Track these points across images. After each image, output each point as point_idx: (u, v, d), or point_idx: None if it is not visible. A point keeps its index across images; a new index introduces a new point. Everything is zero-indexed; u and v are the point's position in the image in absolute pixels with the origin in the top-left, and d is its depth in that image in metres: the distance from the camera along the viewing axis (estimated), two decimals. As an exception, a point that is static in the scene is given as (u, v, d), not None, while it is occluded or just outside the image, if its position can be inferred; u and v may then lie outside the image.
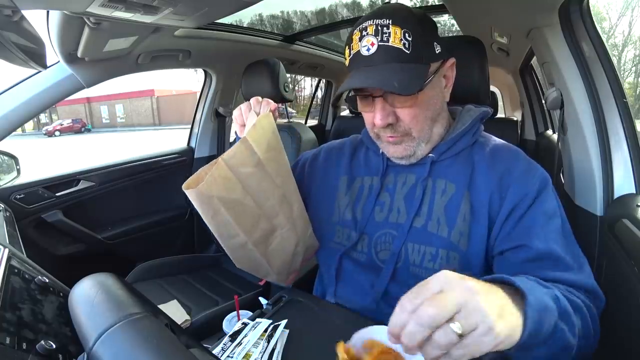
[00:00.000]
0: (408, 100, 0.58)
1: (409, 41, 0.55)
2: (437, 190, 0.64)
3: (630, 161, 0.82)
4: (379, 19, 0.56)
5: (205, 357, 0.40)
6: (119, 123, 25.75)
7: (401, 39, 0.55)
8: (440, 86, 0.62)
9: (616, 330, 0.73)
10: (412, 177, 0.66)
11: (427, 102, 0.60)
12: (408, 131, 0.62)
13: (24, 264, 0.59)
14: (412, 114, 0.60)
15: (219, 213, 0.57)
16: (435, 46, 0.59)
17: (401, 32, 0.55)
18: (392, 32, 0.55)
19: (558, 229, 0.57)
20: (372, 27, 0.56)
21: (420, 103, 0.59)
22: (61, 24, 0.90)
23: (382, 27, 0.56)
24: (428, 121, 0.62)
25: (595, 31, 0.85)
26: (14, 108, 1.16)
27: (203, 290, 1.33)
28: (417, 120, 0.61)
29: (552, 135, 1.85)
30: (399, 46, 0.55)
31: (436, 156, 0.65)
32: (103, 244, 1.51)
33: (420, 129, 0.62)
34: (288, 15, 2.21)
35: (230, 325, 0.92)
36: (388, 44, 0.55)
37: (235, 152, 0.57)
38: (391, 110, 0.60)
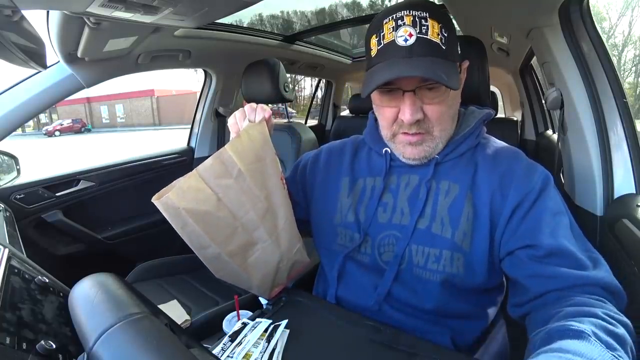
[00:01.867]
0: (437, 97, 0.57)
1: (445, 37, 0.54)
2: (440, 191, 0.63)
3: (630, 161, 0.82)
4: (416, 11, 0.54)
5: (205, 357, 0.40)
6: (119, 123, 25.75)
7: (439, 33, 0.54)
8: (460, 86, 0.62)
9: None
10: (416, 177, 0.65)
11: (452, 100, 0.60)
12: (431, 129, 0.60)
13: (24, 264, 0.59)
14: (440, 111, 0.58)
15: (187, 224, 0.57)
16: (458, 46, 0.60)
17: (439, 27, 0.54)
18: (430, 26, 0.53)
19: (566, 226, 0.56)
20: (409, 17, 0.54)
21: (447, 100, 0.58)
22: (61, 24, 0.90)
23: (420, 19, 0.53)
24: (450, 120, 0.62)
25: (595, 31, 0.85)
26: (14, 108, 1.15)
27: (203, 290, 1.33)
28: (442, 118, 0.60)
29: (552, 135, 1.85)
30: (437, 40, 0.54)
31: (440, 157, 0.64)
32: (103, 244, 1.51)
33: (443, 127, 0.61)
34: (288, 15, 2.21)
35: (230, 325, 0.92)
36: (427, 37, 0.53)
37: (212, 163, 0.56)
38: (420, 106, 0.58)
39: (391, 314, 0.66)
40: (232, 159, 0.58)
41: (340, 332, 0.63)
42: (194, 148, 1.90)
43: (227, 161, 0.58)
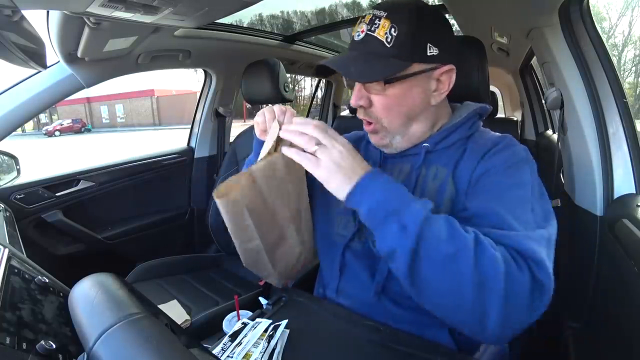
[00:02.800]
0: (379, 90, 0.61)
1: (392, 36, 0.58)
2: (429, 176, 0.65)
3: (630, 161, 0.82)
4: (377, 10, 0.59)
5: (205, 357, 0.40)
6: (119, 123, 25.74)
7: (386, 32, 0.58)
8: (425, 87, 0.63)
9: (616, 330, 0.73)
10: (408, 166, 0.68)
11: (401, 97, 0.62)
12: (379, 119, 0.64)
13: (24, 264, 0.59)
14: (384, 103, 0.62)
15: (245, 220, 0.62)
16: (428, 48, 0.59)
17: (389, 26, 0.58)
18: (381, 24, 0.58)
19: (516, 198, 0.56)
20: (369, 16, 0.60)
21: (392, 96, 0.61)
22: (61, 24, 0.90)
23: (375, 18, 0.59)
24: (402, 117, 0.64)
25: (595, 31, 0.86)
26: (14, 108, 1.16)
27: (203, 290, 1.33)
28: (389, 112, 0.63)
29: (552, 135, 1.86)
30: (381, 38, 0.58)
31: (431, 146, 0.66)
32: (103, 244, 1.51)
33: (390, 121, 0.64)
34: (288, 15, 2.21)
35: (230, 325, 0.92)
36: (373, 34, 0.59)
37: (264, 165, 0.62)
38: (366, 95, 0.63)
39: (390, 309, 0.66)
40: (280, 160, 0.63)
41: (340, 332, 0.63)
42: (194, 148, 1.90)
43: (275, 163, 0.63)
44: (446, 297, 0.49)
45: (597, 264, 0.84)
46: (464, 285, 0.47)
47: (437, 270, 0.49)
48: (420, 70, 0.60)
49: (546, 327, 1.09)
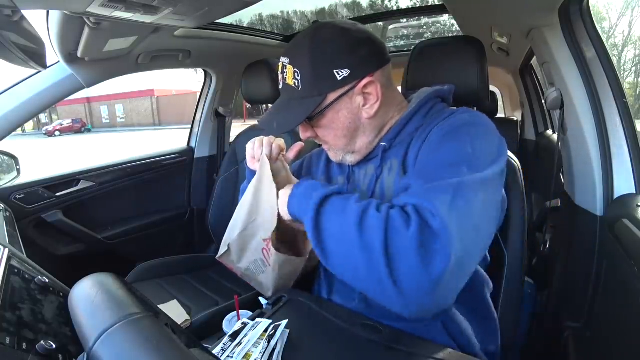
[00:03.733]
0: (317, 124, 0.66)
1: (298, 80, 0.62)
2: (385, 172, 0.68)
3: (630, 161, 0.82)
4: (284, 57, 0.64)
5: (205, 357, 0.40)
6: (119, 123, 25.74)
7: (293, 78, 0.62)
8: (350, 108, 0.64)
9: (616, 330, 0.73)
10: (371, 167, 0.71)
11: (331, 124, 0.65)
12: (327, 142, 0.70)
13: (24, 264, 0.59)
14: (323, 132, 0.68)
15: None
16: (336, 74, 0.60)
17: (293, 72, 0.62)
18: (288, 72, 0.63)
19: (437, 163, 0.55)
20: (280, 64, 0.65)
21: (324, 125, 0.66)
22: (61, 24, 0.90)
23: (283, 66, 0.64)
24: (342, 138, 0.67)
25: (595, 31, 0.86)
26: (14, 108, 1.16)
27: (203, 290, 1.33)
28: (330, 137, 0.68)
29: (552, 135, 1.86)
30: (292, 85, 0.63)
31: (387, 143, 0.68)
32: (103, 244, 1.51)
33: (334, 144, 0.69)
34: (288, 15, 2.21)
35: (230, 325, 0.92)
36: (286, 83, 0.64)
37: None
38: (310, 127, 0.68)
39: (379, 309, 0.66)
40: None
41: (340, 332, 0.63)
42: (194, 148, 1.90)
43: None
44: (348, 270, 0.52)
45: (597, 264, 0.84)
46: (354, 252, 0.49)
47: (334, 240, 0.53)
48: (336, 98, 0.62)
49: (546, 327, 1.09)
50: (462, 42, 0.85)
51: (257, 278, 0.78)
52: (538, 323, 1.10)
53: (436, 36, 2.42)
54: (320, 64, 0.60)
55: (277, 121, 0.65)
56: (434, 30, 2.76)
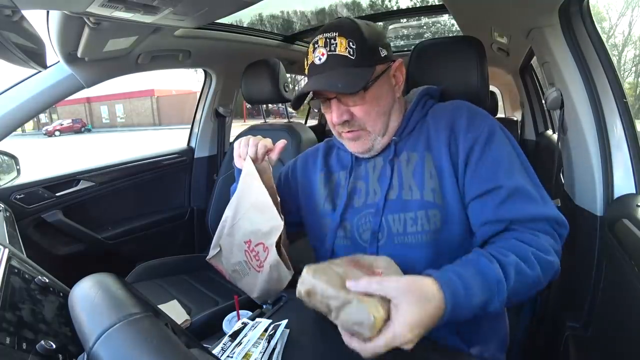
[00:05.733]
0: (358, 98, 0.66)
1: (353, 49, 0.64)
2: (402, 162, 0.70)
3: (630, 161, 0.82)
4: (327, 33, 0.65)
5: (205, 357, 0.40)
6: (119, 123, 25.72)
7: (346, 47, 0.64)
8: (389, 84, 0.69)
9: (616, 330, 0.73)
10: (380, 160, 0.72)
11: (376, 99, 0.67)
12: (363, 126, 0.68)
13: (24, 264, 0.59)
14: (364, 110, 0.67)
15: None
16: (380, 51, 0.67)
17: (346, 42, 0.64)
18: (339, 43, 0.64)
19: (519, 166, 0.64)
20: (322, 40, 0.66)
21: (370, 100, 0.66)
22: (61, 24, 0.90)
23: (330, 39, 0.65)
24: (381, 116, 0.69)
25: (595, 31, 0.85)
26: (14, 108, 1.16)
27: (203, 290, 1.33)
28: (370, 116, 0.67)
29: (552, 135, 1.86)
30: (344, 54, 0.64)
31: (397, 137, 0.71)
32: (103, 244, 1.51)
33: (373, 123, 0.68)
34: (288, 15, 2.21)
35: (230, 325, 0.92)
36: (336, 53, 0.64)
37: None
38: (345, 109, 0.67)
39: None
40: None
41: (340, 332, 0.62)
42: (194, 148, 1.90)
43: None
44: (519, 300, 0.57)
45: (597, 264, 0.84)
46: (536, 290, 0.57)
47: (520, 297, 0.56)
48: (382, 71, 0.67)
49: (546, 327, 1.09)
50: (462, 42, 0.85)
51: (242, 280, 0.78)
52: (538, 323, 1.10)
53: (436, 36, 2.42)
54: (370, 38, 0.65)
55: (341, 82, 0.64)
56: (434, 30, 2.76)
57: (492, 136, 0.64)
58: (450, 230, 0.64)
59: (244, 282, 0.78)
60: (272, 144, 0.77)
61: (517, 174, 0.62)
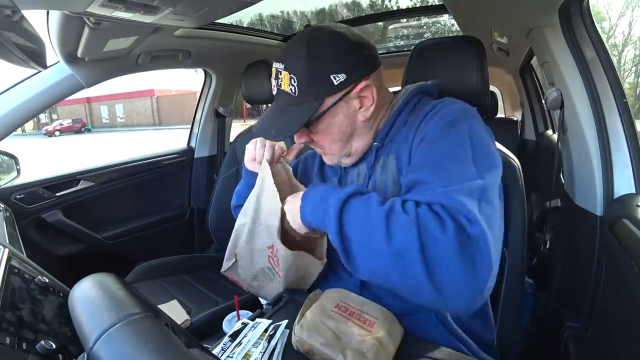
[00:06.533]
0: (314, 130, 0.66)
1: (294, 86, 0.61)
2: (377, 170, 0.69)
3: (630, 161, 0.82)
4: (278, 63, 0.63)
5: (205, 357, 0.40)
6: (119, 123, 25.73)
7: (289, 84, 0.62)
8: (347, 111, 0.64)
9: (616, 330, 0.73)
10: (364, 167, 0.72)
11: (328, 128, 0.65)
12: (323, 147, 0.70)
13: (24, 264, 0.59)
14: (320, 138, 0.68)
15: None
16: (333, 79, 0.60)
17: (289, 78, 0.61)
18: (283, 77, 0.62)
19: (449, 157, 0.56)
20: (274, 70, 0.64)
21: (321, 131, 0.66)
22: (61, 24, 0.90)
23: (278, 72, 0.63)
24: (338, 142, 0.68)
25: (595, 31, 0.85)
26: (14, 108, 1.16)
27: (203, 290, 1.33)
28: (325, 142, 0.68)
29: (552, 135, 1.86)
30: (287, 91, 0.62)
31: (379, 142, 0.69)
32: (103, 244, 1.51)
33: (330, 148, 0.69)
34: (288, 15, 2.21)
35: (230, 325, 0.92)
36: (281, 89, 0.63)
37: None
38: (305, 132, 0.68)
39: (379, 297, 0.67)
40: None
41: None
42: (194, 148, 1.90)
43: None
44: (379, 276, 0.52)
45: (597, 264, 0.84)
46: (384, 259, 0.49)
47: (362, 250, 0.52)
48: (334, 102, 0.62)
49: (546, 327, 1.09)
50: (462, 42, 0.85)
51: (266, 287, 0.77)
52: (538, 323, 1.10)
53: (436, 36, 2.42)
54: (317, 70, 0.60)
55: (274, 127, 0.64)
56: (434, 30, 2.76)
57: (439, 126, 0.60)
58: None
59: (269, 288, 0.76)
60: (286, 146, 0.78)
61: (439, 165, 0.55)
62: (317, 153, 0.85)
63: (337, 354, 0.53)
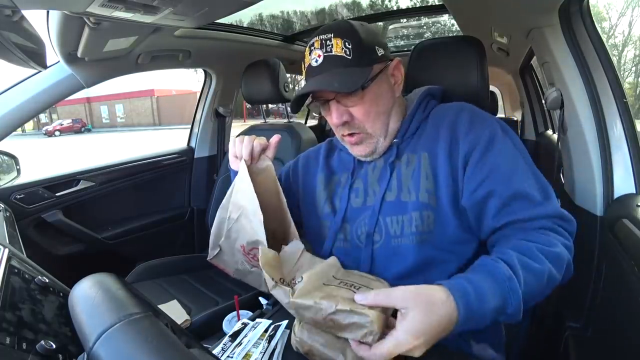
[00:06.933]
0: (357, 99, 0.65)
1: (349, 49, 0.63)
2: (402, 164, 0.69)
3: (630, 161, 0.82)
4: (322, 35, 0.65)
5: (205, 357, 0.40)
6: (119, 123, 25.72)
7: (342, 47, 0.63)
8: (388, 83, 0.69)
9: (616, 330, 0.73)
10: (381, 161, 0.72)
11: (375, 98, 0.66)
12: (363, 128, 0.68)
13: (24, 264, 0.59)
14: (363, 110, 0.66)
15: None
16: (377, 50, 0.66)
17: (342, 42, 0.64)
18: (334, 44, 0.64)
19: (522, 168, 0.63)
20: (318, 42, 0.65)
21: (368, 100, 0.66)
22: (61, 24, 0.90)
23: (325, 41, 0.65)
24: (380, 116, 0.68)
25: (595, 31, 0.85)
26: (14, 108, 1.16)
27: (203, 290, 1.33)
28: (369, 116, 0.67)
29: (552, 135, 1.86)
30: (341, 54, 0.64)
31: (399, 140, 0.71)
32: (103, 244, 1.51)
33: (372, 123, 0.68)
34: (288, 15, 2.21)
35: (230, 325, 0.92)
36: (331, 54, 0.64)
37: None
38: (345, 110, 0.66)
39: None
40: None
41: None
42: (194, 148, 1.90)
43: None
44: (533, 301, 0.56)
45: (597, 264, 0.84)
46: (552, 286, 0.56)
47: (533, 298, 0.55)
48: (380, 70, 0.66)
49: (546, 327, 1.09)
50: (462, 42, 0.85)
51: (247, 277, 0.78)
52: (538, 323, 1.10)
53: (436, 36, 2.42)
54: (367, 38, 0.65)
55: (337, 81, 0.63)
56: (434, 30, 2.76)
57: (492, 140, 0.63)
58: (442, 233, 0.64)
59: (249, 278, 0.78)
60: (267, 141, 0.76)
61: (517, 177, 0.61)
62: (320, 150, 0.84)
63: (338, 354, 0.53)
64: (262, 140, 0.76)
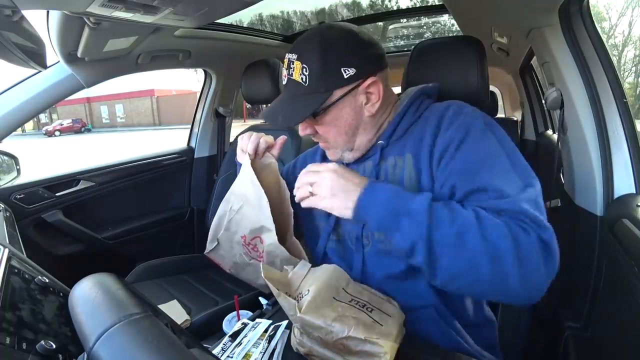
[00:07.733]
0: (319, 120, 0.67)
1: (305, 75, 0.62)
2: (389, 168, 0.69)
3: (630, 161, 0.82)
4: (290, 54, 0.65)
5: (205, 357, 0.40)
6: (119, 123, 25.73)
7: (300, 73, 0.63)
8: (353, 105, 0.66)
9: (616, 330, 0.73)
10: (369, 164, 0.72)
11: (334, 120, 0.66)
12: (327, 140, 0.70)
13: (24, 264, 0.59)
14: (324, 129, 0.68)
15: None
16: (343, 72, 0.62)
17: (301, 68, 0.63)
18: (295, 67, 0.64)
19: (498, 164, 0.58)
20: (286, 60, 0.65)
21: (327, 122, 0.67)
22: (61, 24, 0.90)
23: (290, 62, 0.65)
24: (343, 135, 0.68)
25: (596, 31, 0.85)
26: (14, 108, 1.16)
27: (203, 290, 1.33)
28: (330, 135, 0.69)
29: (552, 135, 1.86)
30: (298, 80, 0.63)
31: (384, 142, 0.70)
32: (103, 244, 1.51)
33: (334, 141, 0.70)
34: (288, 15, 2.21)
35: (230, 325, 0.92)
36: (292, 78, 0.65)
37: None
38: (309, 124, 0.68)
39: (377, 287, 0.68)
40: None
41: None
42: (194, 148, 1.90)
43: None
44: (465, 276, 0.52)
45: (597, 264, 0.84)
46: (478, 260, 0.50)
47: (451, 252, 0.52)
48: (342, 95, 0.64)
49: (546, 327, 1.09)
50: (462, 42, 0.85)
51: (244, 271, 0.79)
52: (538, 323, 1.10)
53: (436, 36, 2.42)
54: (329, 61, 0.62)
55: (283, 114, 0.65)
56: (434, 30, 2.75)
57: (466, 136, 0.60)
58: None
59: (246, 272, 0.78)
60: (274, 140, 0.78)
61: (487, 172, 0.57)
62: (317, 150, 0.85)
63: (338, 355, 0.53)
64: (269, 138, 0.77)
